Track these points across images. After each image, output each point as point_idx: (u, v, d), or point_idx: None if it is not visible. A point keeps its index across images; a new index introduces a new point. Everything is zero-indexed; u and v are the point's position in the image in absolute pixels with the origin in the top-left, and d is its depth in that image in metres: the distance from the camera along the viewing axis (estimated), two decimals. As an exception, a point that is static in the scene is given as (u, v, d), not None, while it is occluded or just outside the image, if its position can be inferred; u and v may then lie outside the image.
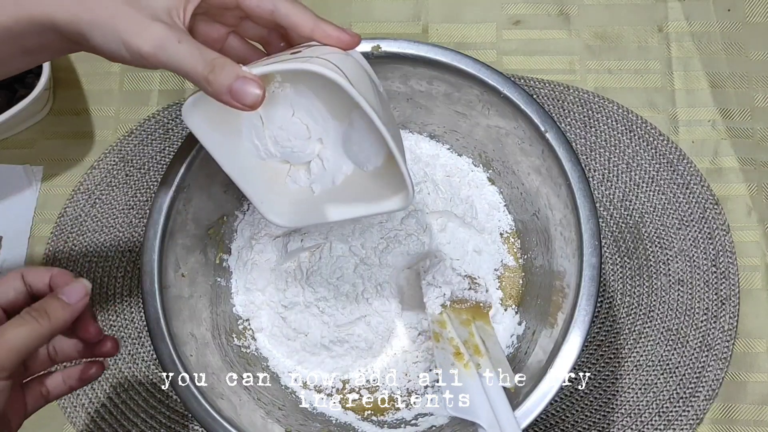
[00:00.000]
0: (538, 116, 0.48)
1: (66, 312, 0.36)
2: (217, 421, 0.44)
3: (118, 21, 0.35)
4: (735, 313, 0.57)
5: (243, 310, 0.56)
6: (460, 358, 0.45)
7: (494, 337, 0.50)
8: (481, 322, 0.51)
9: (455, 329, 0.48)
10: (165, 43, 0.34)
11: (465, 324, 0.49)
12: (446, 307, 0.50)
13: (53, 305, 0.36)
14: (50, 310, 0.35)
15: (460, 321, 0.49)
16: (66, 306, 0.36)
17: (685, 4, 0.65)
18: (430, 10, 0.66)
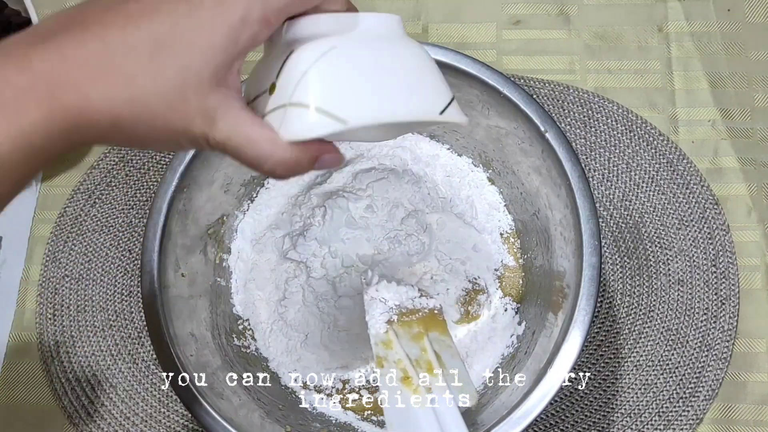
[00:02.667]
0: (538, 116, 0.48)
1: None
2: (216, 421, 0.44)
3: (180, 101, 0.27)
4: (735, 313, 0.57)
5: (243, 310, 0.56)
6: (408, 383, 0.41)
7: (452, 348, 0.44)
8: (436, 332, 0.45)
9: (404, 347, 0.42)
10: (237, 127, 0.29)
11: (416, 339, 0.44)
12: (393, 323, 0.44)
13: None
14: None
15: (410, 336, 0.44)
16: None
17: (685, 4, 0.65)
18: (430, 10, 0.66)
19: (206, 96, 0.28)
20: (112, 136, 0.28)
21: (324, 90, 0.30)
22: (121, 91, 0.27)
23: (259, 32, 0.28)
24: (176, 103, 0.27)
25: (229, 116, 0.28)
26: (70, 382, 0.58)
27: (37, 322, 0.59)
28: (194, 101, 0.27)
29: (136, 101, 0.27)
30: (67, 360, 0.58)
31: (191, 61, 0.27)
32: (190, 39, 0.27)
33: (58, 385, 0.58)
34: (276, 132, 0.29)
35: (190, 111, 0.28)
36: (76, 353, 0.58)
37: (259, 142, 0.29)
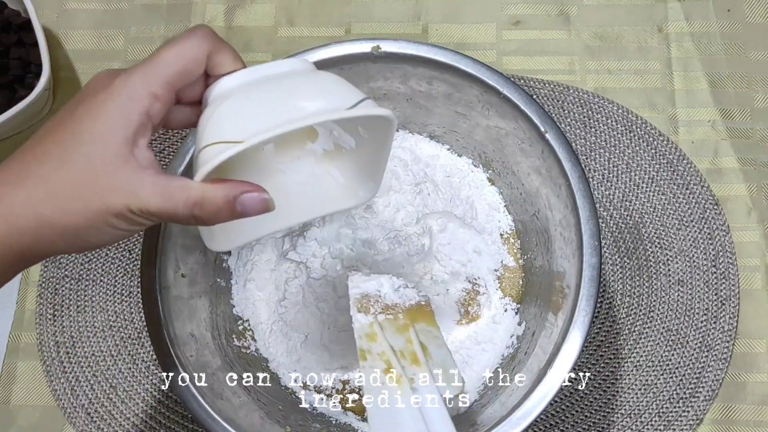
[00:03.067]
0: (538, 116, 0.48)
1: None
2: (216, 421, 0.44)
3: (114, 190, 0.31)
4: (735, 314, 0.57)
5: (243, 311, 0.56)
6: (389, 373, 0.40)
7: (439, 338, 0.43)
8: (423, 323, 0.44)
9: (389, 339, 0.42)
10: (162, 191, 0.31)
11: (402, 330, 0.43)
12: (377, 316, 0.44)
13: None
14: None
15: (396, 328, 0.43)
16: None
17: (684, 5, 0.65)
18: (430, 10, 0.66)
19: (116, 173, 0.31)
20: (49, 238, 0.31)
21: (220, 127, 0.31)
22: (38, 191, 0.30)
23: (150, 106, 0.32)
24: (89, 185, 0.31)
25: (144, 183, 0.31)
26: (70, 382, 0.58)
27: (37, 322, 0.59)
28: (105, 180, 0.31)
29: (53, 195, 0.30)
30: (67, 360, 0.58)
31: (93, 147, 0.31)
32: (89, 130, 0.31)
33: (58, 385, 0.58)
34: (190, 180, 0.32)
35: (104, 189, 0.31)
36: (76, 353, 0.58)
37: (173, 193, 0.31)
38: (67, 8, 0.68)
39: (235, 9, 0.67)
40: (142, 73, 0.32)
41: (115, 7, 0.68)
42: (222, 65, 0.34)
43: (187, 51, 0.32)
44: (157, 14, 0.67)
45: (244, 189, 0.32)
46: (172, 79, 0.32)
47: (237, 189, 0.32)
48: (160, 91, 0.32)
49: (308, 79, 0.34)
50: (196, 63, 0.33)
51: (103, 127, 0.31)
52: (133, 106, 0.31)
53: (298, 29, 0.66)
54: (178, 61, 0.32)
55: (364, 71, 0.51)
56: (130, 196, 0.31)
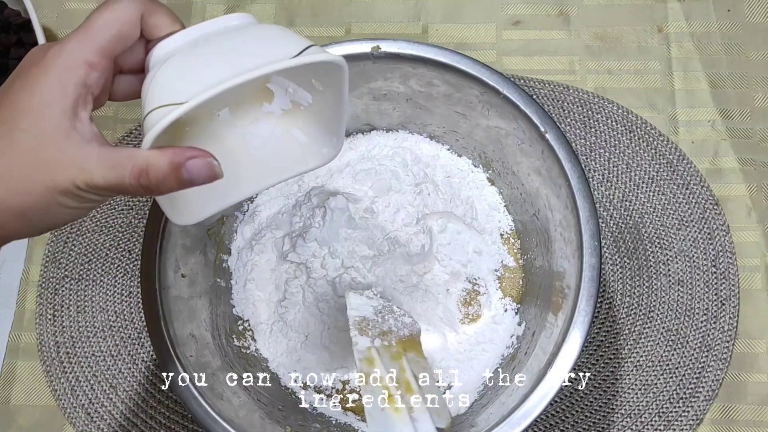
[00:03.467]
0: (538, 117, 0.48)
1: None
2: (216, 421, 0.44)
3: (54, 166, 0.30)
4: (735, 314, 0.57)
5: (243, 311, 0.56)
6: (392, 401, 0.39)
7: (427, 369, 0.43)
8: (413, 353, 0.44)
9: (385, 365, 0.42)
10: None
11: (396, 358, 0.43)
12: (374, 340, 0.44)
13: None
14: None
15: (390, 355, 0.43)
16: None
17: (684, 5, 0.65)
18: (430, 10, 0.66)
19: (58, 147, 0.29)
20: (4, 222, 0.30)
21: (162, 90, 0.30)
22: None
23: (86, 76, 0.30)
24: (34, 162, 0.29)
25: (88, 156, 0.30)
26: (69, 382, 0.58)
27: (37, 322, 0.59)
28: (48, 154, 0.29)
29: (3, 176, 0.29)
30: (67, 360, 0.58)
31: (33, 123, 0.29)
32: (26, 104, 0.30)
33: (58, 385, 0.58)
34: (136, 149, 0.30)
35: (49, 164, 0.29)
36: (75, 353, 0.58)
37: (119, 163, 0.30)
38: (67, 8, 0.68)
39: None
40: (75, 42, 0.30)
41: (115, 7, 0.68)
42: (159, 27, 0.32)
43: (118, 14, 0.31)
44: (157, 14, 0.67)
45: (190, 155, 0.31)
46: (107, 45, 0.31)
47: (182, 155, 0.30)
48: (95, 58, 0.30)
49: (250, 33, 0.33)
50: (130, 26, 0.31)
51: (39, 100, 0.30)
52: (69, 76, 0.30)
53: (298, 29, 0.66)
54: (110, 26, 0.31)
55: (364, 71, 0.51)
56: (75, 170, 0.29)
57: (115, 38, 0.31)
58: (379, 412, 0.39)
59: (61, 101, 0.30)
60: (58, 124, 0.30)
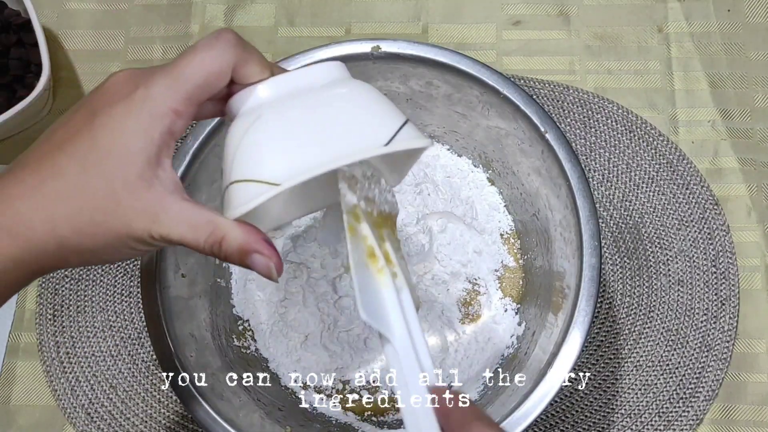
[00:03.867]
0: (538, 117, 0.48)
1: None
2: (216, 421, 0.44)
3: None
4: (735, 314, 0.57)
5: (243, 311, 0.56)
6: (374, 260, 0.38)
7: (400, 250, 0.41)
8: (389, 230, 0.42)
9: (369, 227, 0.40)
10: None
11: (377, 226, 0.41)
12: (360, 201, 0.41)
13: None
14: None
15: (372, 223, 0.41)
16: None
17: (684, 5, 0.65)
18: (430, 10, 0.66)
19: (139, 196, 0.29)
20: (65, 257, 0.30)
21: (252, 160, 0.30)
22: (58, 211, 0.29)
23: (172, 124, 0.30)
24: (111, 208, 0.29)
25: (169, 211, 0.30)
26: (69, 382, 0.58)
27: (37, 322, 0.59)
28: (127, 203, 0.29)
29: (73, 217, 0.29)
30: (66, 360, 0.58)
31: (114, 169, 0.29)
32: (109, 148, 0.29)
33: (58, 385, 0.58)
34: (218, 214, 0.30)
35: (127, 212, 0.29)
36: (75, 353, 0.58)
37: (198, 226, 0.30)
38: (67, 8, 0.68)
39: (235, 9, 0.67)
40: (164, 87, 0.29)
41: (115, 7, 0.68)
42: (248, 77, 0.31)
43: (209, 63, 0.30)
44: (157, 14, 0.67)
45: (260, 249, 0.31)
46: (194, 94, 0.30)
47: (254, 246, 0.31)
48: (182, 107, 0.30)
49: (343, 99, 0.32)
50: (220, 76, 0.30)
51: (123, 146, 0.29)
52: (156, 124, 0.29)
53: (298, 29, 0.66)
54: (200, 75, 0.30)
55: (364, 71, 0.51)
56: (154, 223, 0.29)
57: (203, 88, 0.30)
58: (363, 267, 0.37)
59: (146, 149, 0.29)
60: (141, 173, 0.29)
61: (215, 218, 0.30)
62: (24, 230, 0.29)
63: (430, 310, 0.54)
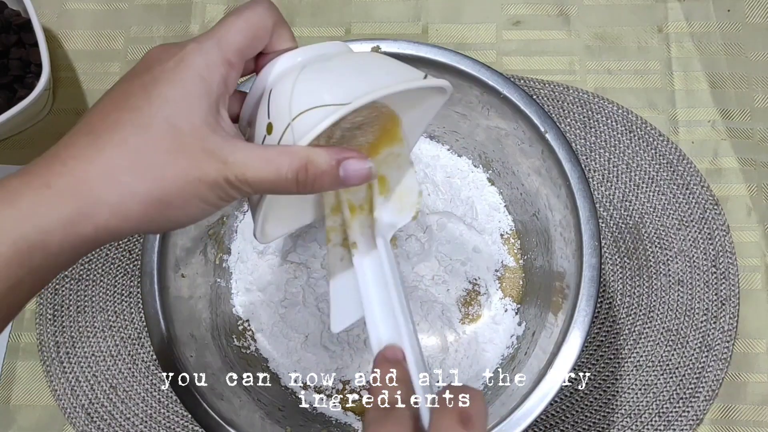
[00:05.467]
0: (538, 117, 0.48)
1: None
2: (216, 421, 0.44)
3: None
4: (735, 314, 0.57)
5: (243, 311, 0.56)
6: (347, 245, 0.37)
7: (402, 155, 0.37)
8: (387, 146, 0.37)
9: (351, 196, 0.38)
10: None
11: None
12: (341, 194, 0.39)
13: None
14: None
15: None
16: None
17: (684, 5, 0.65)
18: (430, 10, 0.66)
19: (206, 139, 0.29)
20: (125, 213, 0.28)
21: (315, 91, 0.31)
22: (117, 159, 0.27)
23: (227, 74, 0.30)
24: (178, 151, 0.28)
25: (237, 150, 0.29)
26: (69, 382, 0.58)
27: (37, 322, 0.59)
28: (196, 145, 0.28)
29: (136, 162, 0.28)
30: (66, 360, 0.58)
31: (176, 112, 0.28)
32: (168, 95, 0.28)
33: (58, 385, 0.58)
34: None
35: (196, 154, 0.28)
36: (75, 353, 0.58)
37: (273, 158, 0.29)
38: (67, 8, 0.68)
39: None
40: (216, 41, 0.30)
41: (115, 7, 0.68)
42: (280, 42, 0.33)
43: (256, 20, 0.31)
44: (157, 14, 0.67)
45: (350, 155, 0.31)
46: (244, 47, 0.30)
47: (342, 153, 0.30)
48: (234, 59, 0.30)
49: (372, 57, 0.35)
50: (265, 32, 0.31)
51: (183, 92, 0.28)
52: (212, 72, 0.29)
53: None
54: (249, 29, 0.30)
55: (364, 71, 0.51)
56: (226, 164, 0.28)
57: (251, 40, 0.31)
58: (339, 264, 0.37)
59: (207, 96, 0.29)
60: (205, 119, 0.29)
61: (289, 147, 0.30)
62: (76, 183, 0.27)
63: (430, 310, 0.54)
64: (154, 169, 0.28)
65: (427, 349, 0.53)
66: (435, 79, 0.34)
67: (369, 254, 0.36)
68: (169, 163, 0.28)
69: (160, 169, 0.28)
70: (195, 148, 0.28)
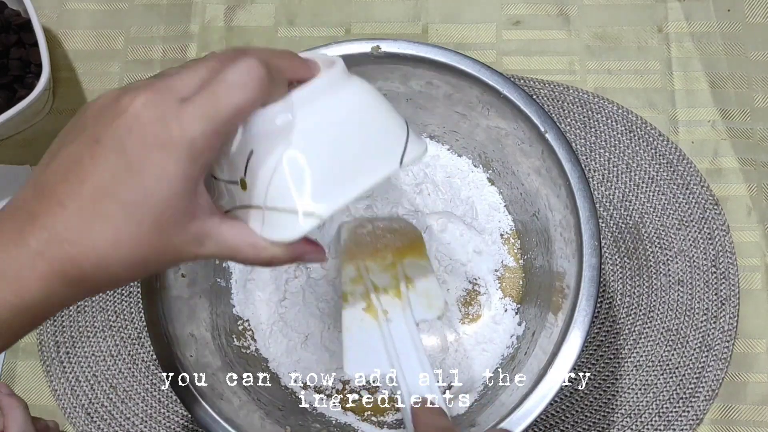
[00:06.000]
0: (538, 117, 0.48)
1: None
2: (216, 421, 0.44)
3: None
4: (735, 314, 0.57)
5: (243, 311, 0.56)
6: (371, 311, 0.42)
7: (426, 268, 0.44)
8: (412, 257, 0.45)
9: (374, 278, 0.44)
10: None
11: (389, 269, 0.45)
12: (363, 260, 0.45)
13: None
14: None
15: (382, 268, 0.45)
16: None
17: (685, 5, 0.65)
18: (430, 10, 0.66)
19: (186, 229, 0.30)
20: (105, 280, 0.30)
21: (293, 190, 0.31)
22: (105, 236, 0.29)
23: (209, 159, 0.30)
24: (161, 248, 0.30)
25: (212, 235, 0.31)
26: (69, 382, 0.58)
27: (37, 322, 0.59)
28: (177, 238, 0.30)
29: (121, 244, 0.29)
30: (67, 360, 0.58)
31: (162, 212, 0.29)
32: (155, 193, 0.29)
33: (58, 385, 0.58)
34: (256, 234, 0.32)
35: (175, 244, 0.30)
36: (75, 353, 0.58)
37: (243, 250, 0.32)
38: (67, 8, 0.68)
39: (235, 9, 0.67)
40: (199, 124, 0.28)
41: (115, 7, 0.68)
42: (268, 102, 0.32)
43: (242, 101, 0.29)
44: (157, 14, 0.67)
45: (307, 251, 0.34)
46: (227, 129, 0.30)
47: (300, 250, 0.34)
48: (217, 143, 0.30)
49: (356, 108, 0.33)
50: (250, 112, 0.31)
51: (168, 190, 0.29)
52: (196, 165, 0.29)
53: (298, 29, 0.66)
54: (233, 112, 0.29)
55: (364, 71, 0.51)
56: (200, 246, 0.31)
57: (235, 121, 0.30)
58: (357, 324, 0.41)
59: (189, 188, 0.30)
60: (185, 210, 0.30)
61: (259, 242, 0.32)
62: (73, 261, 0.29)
63: (430, 310, 0.54)
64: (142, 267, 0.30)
65: (427, 349, 0.53)
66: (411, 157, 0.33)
67: (397, 324, 0.41)
68: (154, 260, 0.30)
69: (146, 266, 0.30)
70: (176, 243, 0.30)
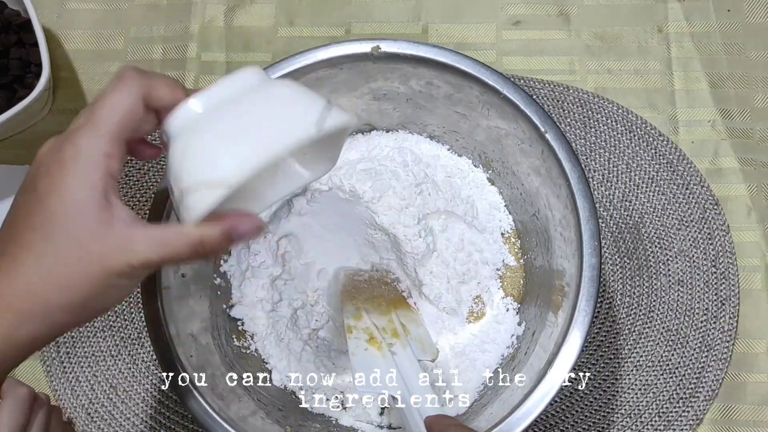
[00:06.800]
0: (538, 117, 0.48)
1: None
2: (216, 421, 0.44)
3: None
4: (735, 314, 0.57)
5: (243, 311, 0.56)
6: (373, 342, 0.46)
7: (417, 320, 0.51)
8: (403, 310, 0.51)
9: (373, 320, 0.49)
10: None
11: (385, 313, 0.50)
12: (364, 303, 0.50)
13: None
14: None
15: (379, 312, 0.50)
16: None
17: (684, 5, 0.65)
18: (430, 10, 0.66)
19: (104, 238, 0.31)
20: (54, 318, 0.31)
21: (196, 166, 0.31)
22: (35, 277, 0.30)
23: (108, 166, 0.31)
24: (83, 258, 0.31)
25: (137, 238, 0.31)
26: (69, 382, 0.58)
27: (37, 322, 0.59)
28: (96, 248, 0.31)
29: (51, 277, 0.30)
30: (67, 360, 0.58)
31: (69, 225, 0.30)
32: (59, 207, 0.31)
33: (58, 385, 0.58)
34: (182, 223, 0.32)
35: (98, 255, 0.31)
36: (76, 353, 0.58)
37: (170, 241, 0.32)
38: (67, 8, 0.68)
39: (235, 9, 0.67)
40: (88, 137, 0.31)
41: (115, 7, 0.68)
42: (163, 98, 0.33)
43: (119, 103, 0.32)
44: (157, 14, 0.67)
45: (237, 221, 0.33)
46: (117, 134, 0.32)
47: (229, 222, 0.33)
48: (110, 149, 0.31)
49: (267, 97, 0.33)
50: (133, 111, 0.32)
51: (71, 201, 0.31)
52: (93, 172, 0.31)
53: (298, 29, 0.66)
54: (116, 114, 0.32)
55: (364, 71, 0.51)
56: (128, 254, 0.31)
57: (123, 124, 0.32)
58: (363, 351, 0.45)
59: (93, 197, 0.31)
60: (97, 219, 0.31)
61: (181, 229, 0.32)
62: (7, 300, 0.30)
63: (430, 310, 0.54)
64: (68, 279, 0.31)
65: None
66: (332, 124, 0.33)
67: (401, 358, 0.46)
68: (78, 272, 0.31)
69: (73, 279, 0.31)
70: (97, 251, 0.31)
